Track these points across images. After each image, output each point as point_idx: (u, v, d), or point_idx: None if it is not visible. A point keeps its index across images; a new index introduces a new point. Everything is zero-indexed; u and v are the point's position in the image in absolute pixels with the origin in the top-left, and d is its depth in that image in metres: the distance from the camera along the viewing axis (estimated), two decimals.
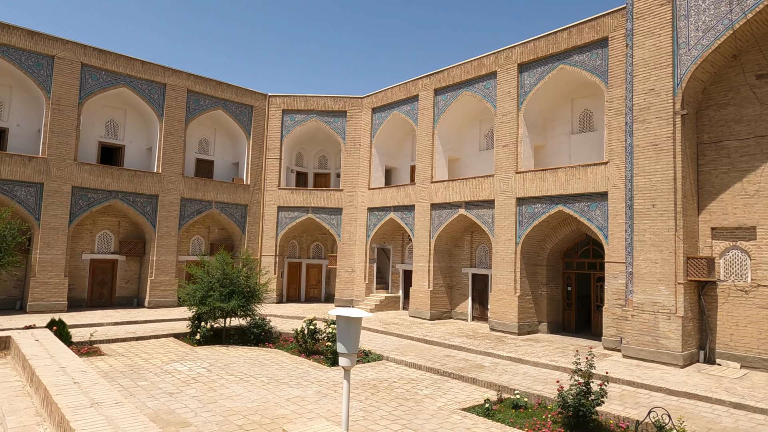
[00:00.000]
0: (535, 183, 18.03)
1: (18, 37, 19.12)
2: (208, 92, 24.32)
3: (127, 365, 12.98)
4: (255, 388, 11.30)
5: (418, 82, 22.98)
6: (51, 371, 5.93)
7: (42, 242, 19.53)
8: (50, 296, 19.61)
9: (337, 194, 25.92)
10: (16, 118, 20.41)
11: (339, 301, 25.42)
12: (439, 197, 21.50)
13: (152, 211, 22.56)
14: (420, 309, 21.82)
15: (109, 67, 21.32)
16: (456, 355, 15.18)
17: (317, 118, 26.28)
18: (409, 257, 24.69)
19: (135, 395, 10.34)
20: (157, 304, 22.38)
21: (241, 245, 25.37)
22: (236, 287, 16.49)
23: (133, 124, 23.58)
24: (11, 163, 18.96)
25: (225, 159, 26.67)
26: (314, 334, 15.28)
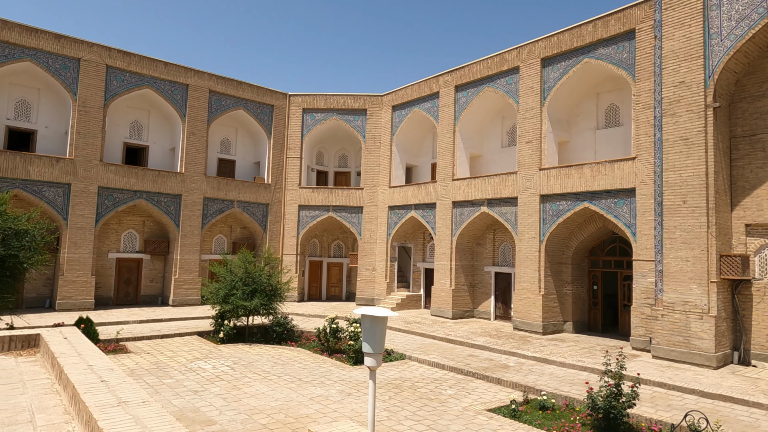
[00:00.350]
0: (560, 180, 17.67)
1: (45, 40, 19.52)
2: (229, 92, 24.50)
3: (152, 363, 13.12)
4: (278, 386, 11.29)
5: (439, 79, 22.76)
6: (79, 369, 5.96)
7: (70, 242, 19.92)
8: (78, 295, 19.99)
9: (358, 193, 25.87)
10: (44, 120, 20.85)
11: (360, 300, 25.38)
12: (461, 195, 21.27)
13: (176, 210, 22.83)
14: (442, 308, 21.63)
15: (133, 68, 21.62)
16: (479, 355, 14.97)
17: (337, 116, 26.26)
18: (430, 256, 24.50)
19: (160, 393, 10.42)
20: (181, 303, 22.65)
21: (263, 244, 25.51)
22: (259, 286, 16.55)
23: (157, 125, 23.89)
24: (40, 164, 19.37)
25: (246, 158, 26.86)
26: (336, 333, 15.24)
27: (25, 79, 20.22)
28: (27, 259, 11.94)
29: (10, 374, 6.84)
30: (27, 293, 20.04)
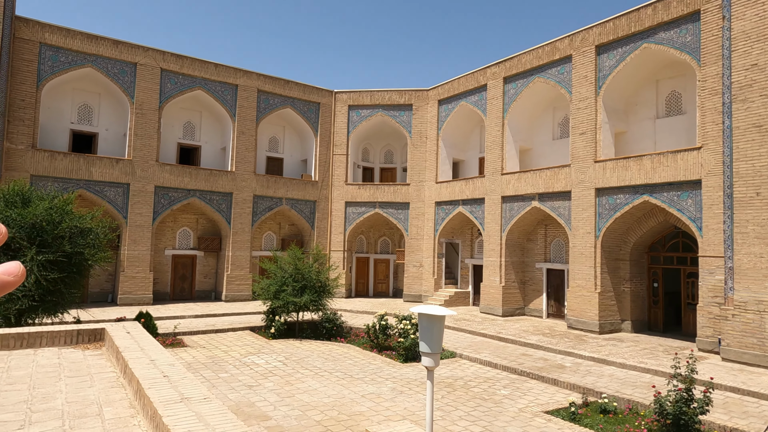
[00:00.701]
0: (617, 172, 16.87)
1: (105, 46, 20.39)
2: (277, 91, 24.87)
3: (208, 357, 13.46)
4: (330, 383, 11.31)
5: (487, 71, 22.23)
6: (142, 364, 6.11)
7: (129, 239, 20.79)
8: (137, 290, 20.85)
9: (404, 188, 25.70)
10: (104, 123, 21.82)
11: (407, 297, 25.25)
12: (511, 189, 20.71)
13: (227, 208, 23.41)
14: (491, 305, 21.18)
15: (186, 71, 22.28)
16: (533, 354, 14.51)
17: (383, 112, 26.16)
18: (478, 252, 24.05)
19: (217, 387, 10.65)
20: (234, 298, 23.23)
21: (311, 240, 25.80)
22: (308, 282, 16.70)
23: (208, 125, 24.55)
24: (101, 165, 20.30)
25: (294, 156, 27.21)
26: (385, 330, 15.17)
27: (86, 85, 21.22)
28: (91, 256, 12.47)
29: (79, 367, 7.12)
30: (91, 288, 21.08)
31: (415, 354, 14.02)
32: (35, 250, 11.25)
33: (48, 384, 6.22)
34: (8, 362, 7.27)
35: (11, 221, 11.31)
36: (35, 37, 19.06)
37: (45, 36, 19.22)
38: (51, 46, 19.38)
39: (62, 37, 19.53)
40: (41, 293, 11.36)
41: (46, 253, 11.42)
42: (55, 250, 11.62)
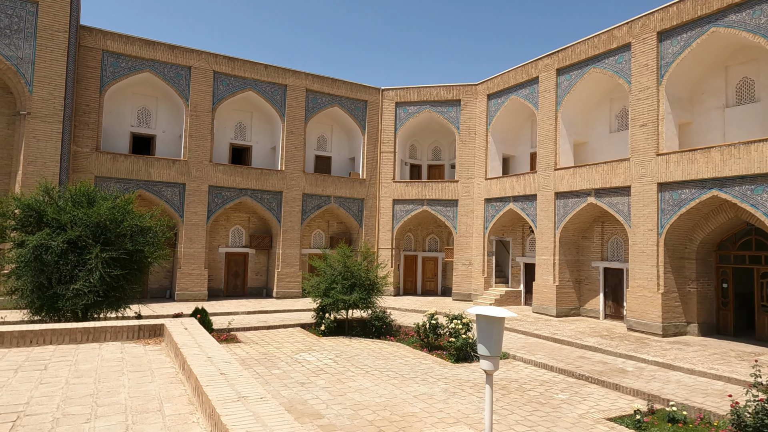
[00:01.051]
0: (681, 165, 15.88)
1: (161, 51, 21.15)
2: (324, 90, 25.05)
3: (261, 353, 13.68)
4: (381, 382, 11.21)
5: (538, 63, 21.51)
6: (200, 361, 6.18)
7: (185, 237, 21.51)
8: (193, 286, 21.55)
9: (453, 185, 25.31)
10: (161, 125, 22.67)
11: (456, 295, 24.87)
12: (564, 185, 19.95)
13: (277, 206, 23.82)
14: (544, 305, 20.50)
15: (237, 72, 22.80)
16: (591, 357, 13.89)
17: (430, 108, 25.86)
18: (530, 250, 23.35)
19: (270, 383, 10.77)
20: (284, 295, 23.62)
21: (359, 238, 25.86)
22: (357, 280, 16.68)
23: (259, 126, 25.05)
24: (159, 166, 21.09)
25: (342, 154, 27.36)
26: (436, 329, 14.95)
27: (145, 89, 22.10)
28: (151, 254, 12.92)
29: (140, 362, 7.33)
30: (151, 285, 21.96)
31: (466, 354, 13.73)
32: (99, 247, 11.75)
33: (112, 378, 6.42)
34: (76, 356, 7.58)
35: (78, 220, 11.87)
36: (98, 45, 20.00)
37: (107, 43, 20.14)
38: (112, 53, 20.29)
39: (122, 44, 20.41)
40: (105, 289, 11.84)
41: (110, 250, 11.90)
42: (117, 247, 12.11)
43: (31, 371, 6.71)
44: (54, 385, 6.06)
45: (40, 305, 11.77)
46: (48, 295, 11.61)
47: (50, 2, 18.37)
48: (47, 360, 7.32)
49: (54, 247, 11.38)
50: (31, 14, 18.15)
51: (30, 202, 12.09)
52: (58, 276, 11.62)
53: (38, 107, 18.16)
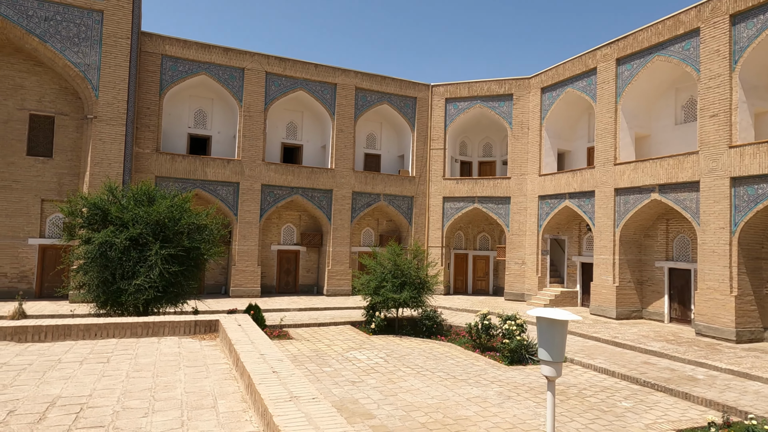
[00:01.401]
0: (759, 158, 14.67)
1: (216, 54, 21.76)
2: (373, 88, 25.01)
3: (312, 350, 13.75)
4: (433, 383, 10.98)
5: (596, 53, 20.52)
6: (252, 358, 6.18)
7: (239, 235, 22.05)
8: (247, 283, 22.07)
9: (505, 182, 24.65)
10: (217, 126, 23.35)
11: (509, 295, 24.21)
12: (625, 181, 18.94)
13: (328, 205, 24.00)
14: (603, 306, 19.57)
15: (288, 72, 23.13)
16: (656, 363, 13.07)
17: (481, 103, 25.28)
18: (587, 249, 22.37)
19: (321, 381, 10.77)
20: (334, 293, 23.78)
21: (408, 237, 25.68)
22: (407, 279, 16.50)
23: (309, 125, 25.33)
24: (214, 166, 21.72)
25: (391, 152, 27.24)
26: (489, 330, 14.53)
27: (201, 91, 22.81)
28: (207, 251, 13.26)
29: (196, 357, 7.46)
30: (207, 281, 22.68)
31: (520, 356, 13.26)
32: (159, 244, 12.15)
33: (169, 372, 6.54)
34: (136, 349, 7.83)
35: (139, 218, 12.33)
36: (157, 50, 20.81)
37: (165, 48, 20.92)
38: (170, 57, 21.06)
39: (180, 48, 21.14)
40: (164, 285, 12.24)
41: (168, 247, 12.29)
42: (175, 245, 12.49)
43: (95, 363, 6.96)
44: (115, 378, 6.24)
45: (105, 299, 12.32)
46: (112, 290, 12.12)
47: (114, 10, 19.26)
48: (110, 353, 7.58)
49: (117, 244, 11.86)
50: (97, 22, 19.09)
51: (96, 201, 12.68)
52: (121, 272, 12.11)
53: (103, 111, 19.09)
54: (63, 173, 19.82)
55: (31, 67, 19.51)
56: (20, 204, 19.19)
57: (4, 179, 19.02)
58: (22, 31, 18.12)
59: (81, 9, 18.88)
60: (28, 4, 18.08)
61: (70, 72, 18.95)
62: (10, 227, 19.04)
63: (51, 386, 5.89)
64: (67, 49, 18.65)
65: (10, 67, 19.25)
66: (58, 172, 19.75)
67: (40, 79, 19.66)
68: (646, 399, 10.45)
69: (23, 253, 19.17)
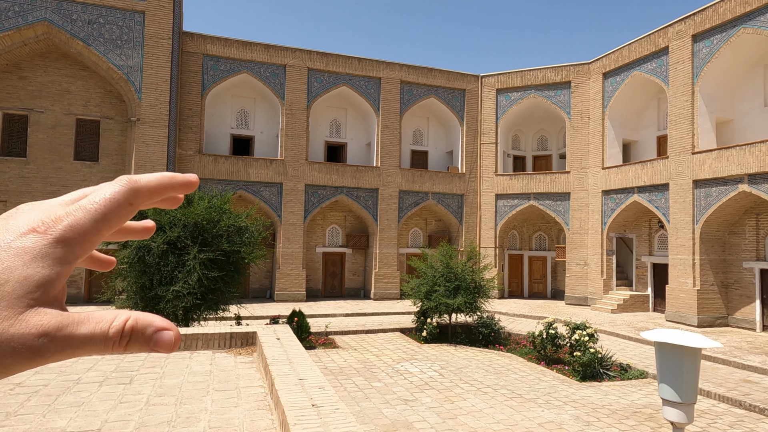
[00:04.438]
0: None
1: (257, 52, 21.17)
2: (420, 81, 23.78)
3: (359, 361, 12.69)
4: (496, 403, 9.64)
5: (668, 31, 18.47)
6: (289, 385, 5.14)
7: (283, 237, 21.36)
8: (292, 286, 21.34)
9: (563, 177, 22.81)
10: (259, 126, 22.79)
11: (570, 299, 22.36)
12: (706, 171, 16.86)
13: (373, 204, 22.97)
14: (682, 312, 17.51)
15: (331, 68, 22.27)
16: (760, 382, 11.17)
17: (535, 93, 23.55)
18: (659, 248, 20.26)
19: (370, 399, 9.66)
20: (382, 296, 22.70)
21: (459, 237, 24.27)
22: (462, 282, 15.18)
23: (353, 122, 24.40)
24: (257, 166, 21.12)
25: (438, 148, 25.92)
26: (555, 340, 13.00)
27: (243, 91, 22.31)
28: (248, 255, 12.46)
29: (228, 377, 6.52)
30: (252, 284, 22.13)
31: (594, 372, 11.70)
32: (197, 248, 11.43)
33: (195, 399, 5.61)
34: (164, 367, 6.98)
35: (177, 221, 11.66)
36: (199, 50, 20.41)
37: (207, 47, 20.50)
38: (212, 56, 20.62)
39: (221, 47, 20.67)
40: (203, 291, 11.52)
41: (207, 251, 11.56)
42: (214, 248, 11.75)
43: (115, 385, 6.13)
44: (133, 406, 5.36)
45: (143, 307, 11.72)
46: (150, 296, 11.51)
47: (155, 10, 18.97)
48: (135, 371, 6.77)
49: (154, 248, 11.23)
50: (139, 24, 18.85)
51: None
52: (159, 277, 11.47)
53: (146, 113, 18.82)
54: (109, 177, 19.69)
55: (76, 72, 19.52)
56: None
57: (53, 184, 19.08)
58: (67, 36, 18.08)
59: (123, 11, 18.68)
60: (72, 8, 18.02)
61: (113, 75, 18.79)
62: None
63: (59, 416, 5.07)
64: (110, 51, 18.49)
65: (57, 73, 19.32)
66: (104, 176, 19.65)
67: (86, 84, 19.64)
68: (757, 428, 8.72)
69: None
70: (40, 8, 17.64)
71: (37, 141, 19.02)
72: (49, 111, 19.22)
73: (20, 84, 18.94)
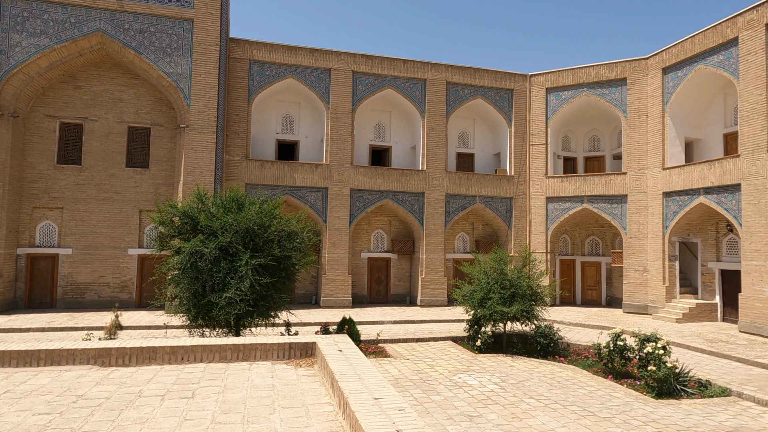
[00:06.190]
0: None
1: (302, 56, 21.08)
2: (466, 81, 23.16)
3: (414, 372, 12.18)
4: (568, 421, 8.94)
5: (737, 20, 17.24)
6: (366, 406, 4.68)
7: (329, 242, 21.11)
8: (338, 292, 21.04)
9: (619, 178, 21.68)
10: (304, 131, 22.69)
11: (628, 307, 21.17)
12: None
13: (419, 209, 22.46)
14: (759, 323, 16.18)
15: (375, 71, 21.95)
16: None
17: (588, 91, 22.53)
18: (728, 253, 18.89)
19: (432, 414, 9.13)
20: (429, 303, 22.12)
21: (508, 241, 23.45)
22: (518, 289, 14.46)
23: (398, 125, 23.99)
24: (302, 171, 20.98)
25: (485, 150, 25.19)
26: (623, 352, 12.13)
27: (288, 96, 22.26)
28: (298, 260, 12.18)
29: (293, 392, 6.14)
30: (297, 290, 21.97)
31: (670, 388, 10.80)
32: (249, 254, 11.22)
33: (262, 417, 5.24)
34: (225, 379, 6.67)
35: (228, 226, 11.49)
36: (245, 56, 20.48)
37: (253, 53, 20.54)
38: (258, 61, 20.65)
39: (267, 52, 20.68)
40: (255, 298, 11.29)
41: (259, 257, 11.33)
42: (266, 254, 11.51)
43: (178, 399, 5.84)
44: (199, 424, 5.02)
45: (196, 313, 11.59)
46: (202, 303, 11.36)
47: (203, 18, 19.13)
48: (195, 383, 6.48)
49: (207, 253, 11.07)
50: (188, 31, 19.05)
51: (186, 209, 12.04)
52: (211, 283, 11.31)
53: (195, 119, 18.96)
54: (159, 183, 19.97)
55: (128, 81, 19.90)
56: (120, 215, 19.55)
57: (105, 191, 19.47)
58: (120, 45, 18.43)
59: (173, 19, 18.92)
60: (124, 18, 18.36)
61: (163, 82, 19.04)
62: (112, 238, 19.43)
63: None
64: (160, 59, 18.74)
65: (110, 82, 19.74)
66: (154, 183, 19.93)
67: (137, 92, 19.99)
68: None
69: (124, 264, 19.47)
70: (94, 19, 18.05)
71: (91, 149, 19.47)
72: (103, 119, 19.64)
73: (76, 94, 19.45)
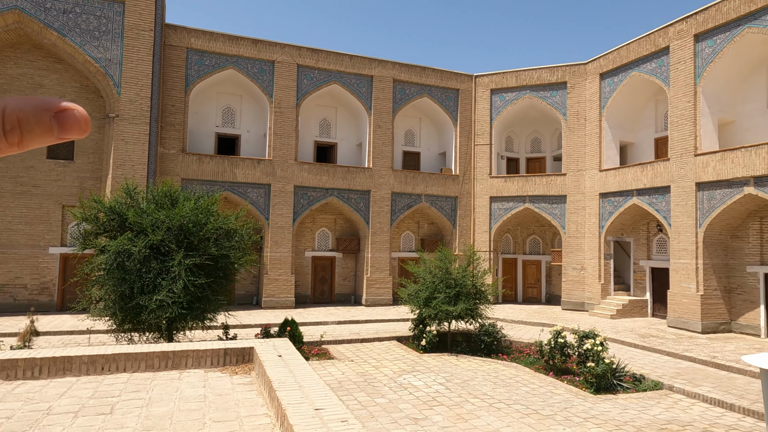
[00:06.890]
0: None
1: (244, 47, 20.20)
2: (412, 80, 23.08)
3: (358, 374, 11.85)
4: (513, 420, 8.91)
5: (668, 30, 18.12)
6: (306, 418, 4.30)
7: (272, 240, 20.38)
8: (280, 293, 20.36)
9: (559, 179, 22.33)
10: (246, 125, 21.79)
11: (566, 304, 21.85)
12: (710, 173, 16.48)
13: (365, 207, 22.14)
14: (685, 318, 17.08)
15: (321, 65, 21.42)
16: None
17: (530, 93, 23.05)
18: (658, 252, 19.88)
19: (377, 419, 8.83)
20: (374, 302, 21.87)
21: (453, 240, 23.60)
22: (462, 288, 14.46)
23: (344, 121, 23.57)
24: (244, 166, 20.12)
25: (431, 150, 25.24)
26: (564, 349, 12.36)
27: (229, 87, 21.29)
28: (237, 260, 11.54)
29: (226, 403, 5.64)
30: (237, 291, 21.08)
31: (608, 383, 11.08)
32: (183, 253, 10.47)
33: None
34: (150, 391, 6.05)
35: (160, 223, 10.68)
36: (182, 43, 19.37)
37: (191, 41, 19.46)
38: (196, 50, 19.59)
39: (206, 41, 19.66)
40: (189, 300, 10.55)
41: (193, 256, 10.60)
42: (201, 253, 10.79)
43: (94, 416, 5.20)
44: None
45: (123, 317, 10.69)
46: (130, 306, 10.49)
47: (136, 1, 17.88)
48: (116, 397, 5.83)
49: (135, 252, 10.22)
50: (118, 14, 17.75)
51: (112, 204, 11.09)
52: (140, 285, 10.46)
53: (126, 109, 17.71)
54: (85, 177, 18.52)
55: (50, 65, 18.30)
56: (40, 211, 17.95)
57: (23, 184, 17.82)
58: (40, 25, 16.89)
59: (101, 0, 17.56)
60: None
61: (90, 68, 17.65)
62: (31, 235, 17.80)
63: None
64: (87, 43, 17.34)
65: (29, 65, 18.08)
66: (79, 176, 18.46)
67: (60, 77, 18.43)
68: None
69: (44, 263, 17.90)
70: None
71: None
72: None
73: None
